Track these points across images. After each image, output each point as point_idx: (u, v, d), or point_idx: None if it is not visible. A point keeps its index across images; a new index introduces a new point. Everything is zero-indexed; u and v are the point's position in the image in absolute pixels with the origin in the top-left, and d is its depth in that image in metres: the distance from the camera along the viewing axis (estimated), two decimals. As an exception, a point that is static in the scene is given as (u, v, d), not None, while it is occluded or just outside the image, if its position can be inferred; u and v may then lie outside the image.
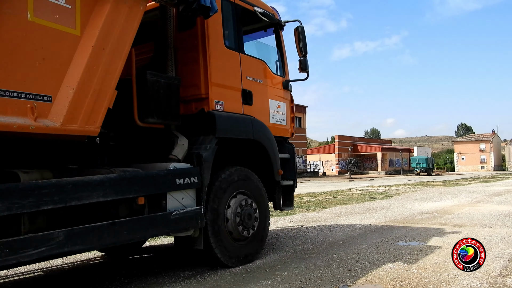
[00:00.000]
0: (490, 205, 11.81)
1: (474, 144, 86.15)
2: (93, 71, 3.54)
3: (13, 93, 3.07)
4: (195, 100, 4.90)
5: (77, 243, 3.40)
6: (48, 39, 3.29)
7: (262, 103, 5.70)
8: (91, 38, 3.54)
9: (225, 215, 4.78)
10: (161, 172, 4.18)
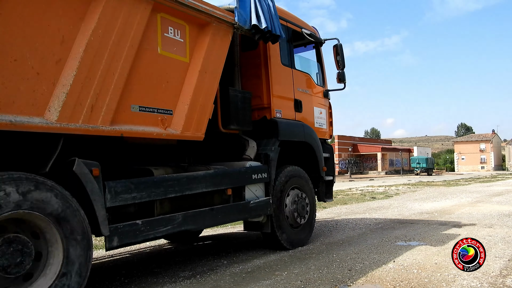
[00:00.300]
0: (490, 205, 11.81)
1: (474, 144, 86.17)
2: (199, 90, 4.50)
3: (150, 109, 4.06)
4: (258, 109, 5.80)
5: (189, 224, 4.42)
6: (169, 66, 4.27)
7: (309, 110, 6.65)
8: (197, 64, 4.53)
9: (284, 205, 5.77)
10: (242, 169, 5.21)
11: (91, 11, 3.46)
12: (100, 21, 3.51)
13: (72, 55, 3.38)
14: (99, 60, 3.54)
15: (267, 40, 5.40)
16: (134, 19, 3.82)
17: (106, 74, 3.60)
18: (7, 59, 2.97)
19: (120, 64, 3.72)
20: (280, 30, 5.39)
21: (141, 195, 3.95)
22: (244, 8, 5.04)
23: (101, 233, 3.56)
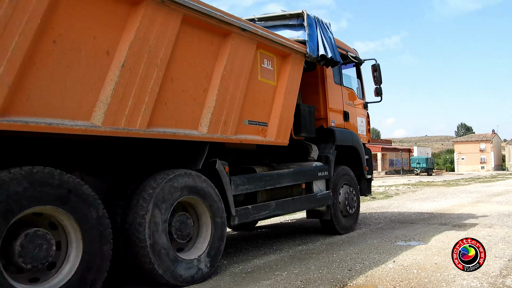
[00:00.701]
0: (490, 205, 11.81)
1: (474, 144, 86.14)
2: (285, 106, 5.74)
3: (255, 122, 5.36)
4: (316, 119, 6.84)
5: (279, 210, 5.79)
6: (265, 89, 5.55)
7: (353, 120, 7.90)
8: (283, 86, 5.76)
9: (338, 198, 7.01)
10: (312, 168, 6.51)
11: (222, 54, 4.76)
12: (228, 60, 4.79)
13: (212, 85, 4.66)
14: (229, 87, 4.81)
15: (329, 65, 6.66)
16: (247, 56, 5.13)
17: (233, 98, 4.87)
18: (178, 90, 4.30)
19: (239, 89, 4.98)
20: (339, 57, 6.62)
21: (251, 187, 5.28)
22: (313, 41, 6.23)
23: (231, 214, 4.87)
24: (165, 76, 4.11)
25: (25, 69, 3.05)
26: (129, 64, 3.75)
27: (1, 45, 2.87)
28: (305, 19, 6.30)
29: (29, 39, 3.02)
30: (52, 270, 3.32)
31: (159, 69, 4.03)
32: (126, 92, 3.72)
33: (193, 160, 4.63)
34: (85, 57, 3.49)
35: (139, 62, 3.84)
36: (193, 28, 4.43)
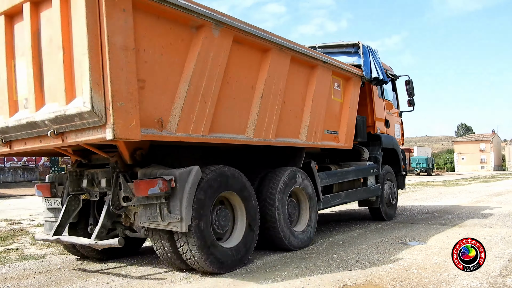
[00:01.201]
0: (490, 205, 11.80)
1: (474, 144, 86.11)
2: (349, 118, 7.28)
3: (331, 131, 6.86)
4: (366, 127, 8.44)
5: (346, 199, 7.44)
6: (336, 105, 7.08)
7: (392, 126, 9.46)
8: (347, 103, 7.31)
9: (384, 191, 8.59)
10: (367, 166, 8.15)
11: (311, 81, 6.32)
12: (316, 86, 6.36)
13: (306, 105, 6.24)
14: (317, 106, 6.40)
15: (378, 84, 8.44)
16: (326, 82, 6.71)
17: (319, 113, 6.50)
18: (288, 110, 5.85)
19: (323, 107, 6.59)
20: (386, 77, 8.32)
21: (329, 181, 6.96)
22: (367, 65, 7.81)
23: (319, 200, 6.45)
24: (282, 101, 5.68)
25: (216, 101, 4.65)
26: (265, 94, 5.34)
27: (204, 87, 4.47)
28: (360, 47, 7.95)
29: (216, 81, 4.64)
30: (227, 234, 4.98)
31: (279, 96, 5.61)
32: (264, 114, 5.33)
33: (296, 161, 6.31)
34: (242, 92, 5.11)
35: (270, 92, 5.43)
36: (296, 64, 5.97)
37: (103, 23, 3.57)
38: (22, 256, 5.89)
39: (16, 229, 8.30)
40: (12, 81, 4.44)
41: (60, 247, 6.50)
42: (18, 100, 4.43)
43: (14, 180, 27.61)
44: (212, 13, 4.51)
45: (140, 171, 4.50)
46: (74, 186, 5.02)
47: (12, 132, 4.42)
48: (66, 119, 3.81)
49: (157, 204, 4.30)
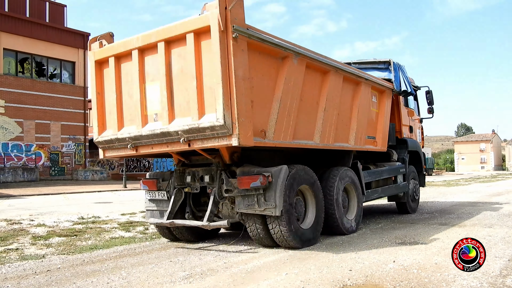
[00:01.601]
0: (490, 205, 11.79)
1: (474, 144, 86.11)
2: (384, 125, 8.65)
3: (370, 137, 8.20)
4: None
5: (382, 193, 8.68)
6: (373, 115, 8.35)
7: (415, 131, 10.85)
8: (382, 112, 8.64)
9: (409, 187, 9.86)
10: (397, 166, 9.38)
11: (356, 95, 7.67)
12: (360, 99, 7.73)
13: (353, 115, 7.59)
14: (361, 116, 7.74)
15: (406, 96, 10.13)
16: (367, 95, 8.07)
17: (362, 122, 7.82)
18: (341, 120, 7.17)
19: (365, 117, 7.94)
20: (412, 89, 10.01)
21: (370, 178, 8.22)
22: (397, 80, 9.29)
23: (363, 194, 7.69)
24: (337, 113, 7.01)
25: (296, 115, 6.01)
26: (326, 108, 6.66)
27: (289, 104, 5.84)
28: (391, 64, 9.45)
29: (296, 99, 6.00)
30: (301, 219, 6.14)
31: (336, 109, 6.94)
32: (326, 124, 6.66)
33: (345, 161, 7.56)
34: (311, 106, 6.42)
35: (330, 106, 6.75)
36: (346, 81, 7.33)
37: (230, 60, 4.92)
38: (22, 256, 5.89)
39: (16, 229, 8.30)
40: (143, 100, 5.77)
41: (60, 247, 6.50)
42: (148, 115, 5.76)
43: (14, 180, 27.59)
44: (292, 46, 5.88)
45: (238, 169, 5.79)
46: (179, 182, 6.34)
47: (143, 139, 5.78)
48: (199, 130, 5.15)
49: (255, 195, 5.57)
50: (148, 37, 5.65)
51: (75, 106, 32.74)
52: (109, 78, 6.21)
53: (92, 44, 6.39)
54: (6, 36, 29.16)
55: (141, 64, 5.78)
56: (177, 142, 5.44)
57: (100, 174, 33.52)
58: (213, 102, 5.04)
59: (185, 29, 5.29)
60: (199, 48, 5.20)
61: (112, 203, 14.75)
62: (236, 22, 5.02)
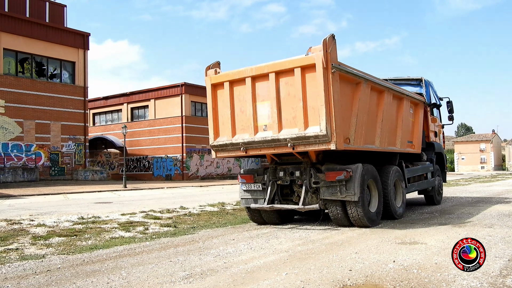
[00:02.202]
0: (490, 205, 11.80)
1: (474, 144, 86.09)
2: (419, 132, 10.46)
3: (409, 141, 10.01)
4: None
5: (417, 187, 10.70)
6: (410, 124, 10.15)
7: (439, 136, 12.89)
8: (417, 121, 10.47)
9: (435, 182, 11.83)
10: (427, 165, 11.23)
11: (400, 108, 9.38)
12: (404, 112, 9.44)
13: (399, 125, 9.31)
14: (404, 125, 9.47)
15: (434, 108, 12.26)
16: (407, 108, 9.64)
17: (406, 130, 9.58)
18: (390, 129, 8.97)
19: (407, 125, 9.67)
20: (439, 102, 12.54)
21: (409, 174, 9.77)
22: (427, 94, 11.52)
23: (406, 187, 9.44)
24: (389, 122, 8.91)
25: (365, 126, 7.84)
26: (383, 119, 8.52)
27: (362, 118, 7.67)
28: (422, 81, 11.61)
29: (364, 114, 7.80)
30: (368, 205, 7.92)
31: (389, 120, 8.86)
32: (383, 132, 8.52)
33: (393, 160, 9.35)
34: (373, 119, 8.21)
35: (385, 118, 8.57)
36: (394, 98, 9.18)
37: (330, 89, 6.86)
38: (22, 256, 5.88)
39: (16, 229, 8.30)
40: (254, 115, 7.70)
41: (60, 247, 6.51)
42: (258, 126, 7.68)
43: (14, 180, 27.60)
44: (363, 74, 7.75)
45: (323, 166, 7.73)
46: (272, 176, 8.18)
47: (255, 144, 7.69)
48: (304, 138, 7.07)
49: (338, 185, 7.47)
50: (261, 69, 7.58)
51: (75, 106, 32.74)
52: (223, 97, 8.13)
53: (208, 71, 8.33)
54: (6, 36, 29.17)
55: (253, 88, 7.67)
56: (284, 146, 7.35)
57: (100, 174, 33.54)
58: (316, 118, 6.97)
59: (293, 65, 7.18)
60: (304, 78, 7.09)
61: (112, 203, 14.74)
62: (333, 60, 6.93)
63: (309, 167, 7.77)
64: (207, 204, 13.34)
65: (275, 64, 7.43)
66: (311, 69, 6.97)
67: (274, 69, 7.39)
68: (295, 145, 7.22)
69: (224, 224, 8.71)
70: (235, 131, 7.99)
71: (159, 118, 41.44)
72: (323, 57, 6.79)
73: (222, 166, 43.41)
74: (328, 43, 6.87)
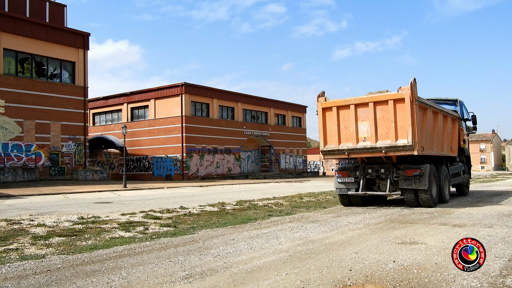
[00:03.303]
0: (490, 205, 11.80)
1: (474, 144, 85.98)
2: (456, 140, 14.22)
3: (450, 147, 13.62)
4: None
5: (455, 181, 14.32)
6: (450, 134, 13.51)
7: (466, 142, 16.29)
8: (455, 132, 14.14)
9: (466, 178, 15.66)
10: (460, 165, 15.06)
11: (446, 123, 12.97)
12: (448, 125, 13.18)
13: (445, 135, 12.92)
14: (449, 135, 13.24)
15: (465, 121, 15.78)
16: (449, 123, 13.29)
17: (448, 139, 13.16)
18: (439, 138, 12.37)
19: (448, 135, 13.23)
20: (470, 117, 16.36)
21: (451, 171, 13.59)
22: (461, 111, 15.15)
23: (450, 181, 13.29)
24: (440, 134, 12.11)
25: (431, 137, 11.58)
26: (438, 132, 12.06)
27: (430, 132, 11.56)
28: (457, 101, 15.27)
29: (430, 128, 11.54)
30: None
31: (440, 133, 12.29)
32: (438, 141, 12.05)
33: (442, 161, 12.68)
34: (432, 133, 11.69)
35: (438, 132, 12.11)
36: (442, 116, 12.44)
37: (414, 115, 10.22)
38: (22, 256, 5.88)
39: (16, 229, 8.29)
40: (356, 130, 11.04)
41: (60, 247, 6.52)
42: (359, 138, 11.02)
43: (14, 180, 27.60)
44: (429, 103, 11.37)
45: (402, 166, 11.03)
46: (363, 172, 11.48)
47: (356, 150, 11.01)
48: (395, 147, 10.43)
49: (413, 179, 10.75)
50: (362, 99, 11.01)
51: (75, 106, 32.75)
52: (331, 117, 11.55)
53: (319, 98, 11.77)
54: (6, 36, 29.17)
55: (356, 112, 11.08)
56: (379, 152, 10.77)
57: (100, 174, 33.53)
58: (404, 133, 10.43)
59: (387, 98, 10.66)
60: (396, 107, 10.52)
61: (112, 203, 14.74)
62: (415, 96, 10.37)
63: (392, 166, 11.19)
64: (207, 204, 13.34)
65: (373, 97, 10.88)
66: (401, 101, 10.46)
67: (372, 100, 10.84)
68: (387, 152, 10.65)
69: (224, 224, 8.71)
70: (340, 141, 11.36)
71: (159, 118, 41.45)
72: (410, 94, 10.27)
73: (222, 166, 43.42)
74: (413, 84, 10.34)
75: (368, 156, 11.12)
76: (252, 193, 19.41)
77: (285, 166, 52.34)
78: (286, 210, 11.38)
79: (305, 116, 56.92)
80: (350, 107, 11.04)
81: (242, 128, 46.07)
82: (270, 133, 49.94)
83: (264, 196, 16.34)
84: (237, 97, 46.25)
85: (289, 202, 13.64)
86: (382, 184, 11.38)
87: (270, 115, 50.76)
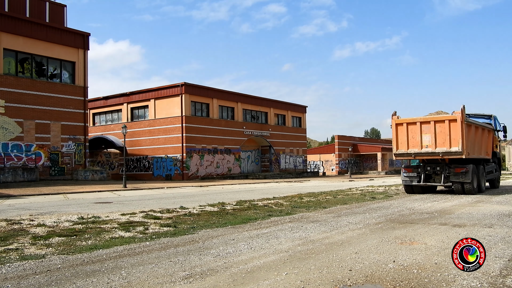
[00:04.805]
0: (490, 205, 11.81)
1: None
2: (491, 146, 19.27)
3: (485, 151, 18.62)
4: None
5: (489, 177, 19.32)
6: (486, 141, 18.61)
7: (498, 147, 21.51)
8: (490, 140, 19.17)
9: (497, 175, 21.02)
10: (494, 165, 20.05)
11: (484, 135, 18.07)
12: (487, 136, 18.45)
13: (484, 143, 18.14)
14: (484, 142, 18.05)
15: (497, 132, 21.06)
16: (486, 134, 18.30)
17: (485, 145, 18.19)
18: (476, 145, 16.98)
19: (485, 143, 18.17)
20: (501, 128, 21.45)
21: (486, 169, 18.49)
22: (495, 124, 20.56)
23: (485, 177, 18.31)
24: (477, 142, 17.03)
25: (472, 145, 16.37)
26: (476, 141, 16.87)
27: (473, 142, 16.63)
28: (492, 116, 20.58)
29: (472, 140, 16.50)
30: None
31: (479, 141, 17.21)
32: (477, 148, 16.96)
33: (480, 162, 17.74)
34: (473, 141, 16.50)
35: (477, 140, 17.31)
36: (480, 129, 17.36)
37: (464, 130, 15.16)
38: (22, 256, 5.88)
39: (16, 229, 8.30)
40: (420, 140, 15.84)
41: (60, 247, 6.51)
42: (422, 145, 15.81)
43: (14, 180, 27.60)
44: (472, 121, 16.55)
45: (452, 165, 15.93)
46: (423, 169, 16.27)
47: (420, 154, 15.90)
48: (449, 152, 15.36)
49: (460, 174, 15.64)
50: (426, 119, 15.73)
51: (75, 106, 32.75)
52: (401, 130, 16.11)
53: (393, 116, 16.35)
54: (6, 36, 29.17)
55: (420, 127, 15.67)
56: (436, 155, 15.44)
57: (100, 174, 33.52)
58: (456, 143, 15.01)
59: (444, 118, 15.40)
60: (449, 124, 15.17)
61: (112, 203, 14.74)
62: (464, 117, 15.06)
63: (445, 165, 15.88)
64: (207, 204, 13.34)
65: (434, 117, 15.68)
66: (454, 121, 15.09)
67: (433, 119, 15.56)
68: (443, 155, 15.31)
69: (224, 224, 8.71)
70: (408, 147, 15.95)
71: (159, 118, 41.45)
72: (461, 117, 14.89)
73: (222, 166, 43.42)
74: (462, 110, 14.96)
75: (428, 158, 16.02)
76: (252, 193, 19.43)
77: (285, 166, 52.35)
78: (286, 210, 11.38)
79: (305, 116, 56.92)
80: (417, 123, 15.79)
81: (242, 128, 46.08)
82: (270, 133, 49.95)
83: (264, 196, 16.35)
84: (237, 97, 46.25)
85: (289, 202, 13.64)
86: (436, 178, 16.05)
87: (270, 115, 50.77)
